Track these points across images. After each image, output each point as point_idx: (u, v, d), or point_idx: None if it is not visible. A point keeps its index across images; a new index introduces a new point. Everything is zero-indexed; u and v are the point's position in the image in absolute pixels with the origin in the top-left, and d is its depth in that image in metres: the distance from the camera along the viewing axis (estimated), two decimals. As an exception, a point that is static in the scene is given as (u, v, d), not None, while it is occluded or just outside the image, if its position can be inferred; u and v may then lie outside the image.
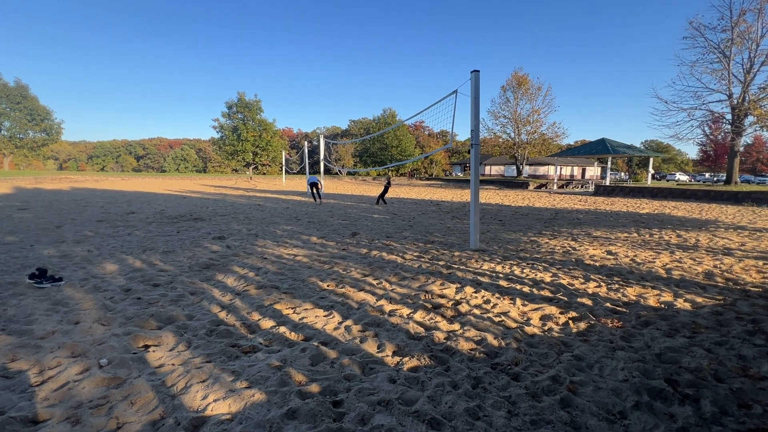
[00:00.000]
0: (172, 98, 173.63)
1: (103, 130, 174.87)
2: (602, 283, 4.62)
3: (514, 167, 48.85)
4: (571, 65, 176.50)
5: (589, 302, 3.92)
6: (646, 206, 16.12)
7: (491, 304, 3.86)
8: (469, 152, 6.87)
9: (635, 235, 8.41)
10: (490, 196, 22.95)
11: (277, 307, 3.69)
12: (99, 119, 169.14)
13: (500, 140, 45.99)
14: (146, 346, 2.83)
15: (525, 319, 3.48)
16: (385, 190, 15.86)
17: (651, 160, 34.86)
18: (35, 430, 1.91)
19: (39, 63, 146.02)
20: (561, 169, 52.55)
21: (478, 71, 6.34)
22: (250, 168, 60.31)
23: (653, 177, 46.54)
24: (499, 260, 5.79)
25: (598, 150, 30.55)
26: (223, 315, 3.47)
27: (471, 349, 2.87)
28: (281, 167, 43.14)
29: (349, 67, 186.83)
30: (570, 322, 3.42)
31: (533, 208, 15.14)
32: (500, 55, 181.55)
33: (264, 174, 67.44)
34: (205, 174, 75.04)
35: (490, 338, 3.03)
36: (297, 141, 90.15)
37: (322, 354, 2.75)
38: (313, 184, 16.40)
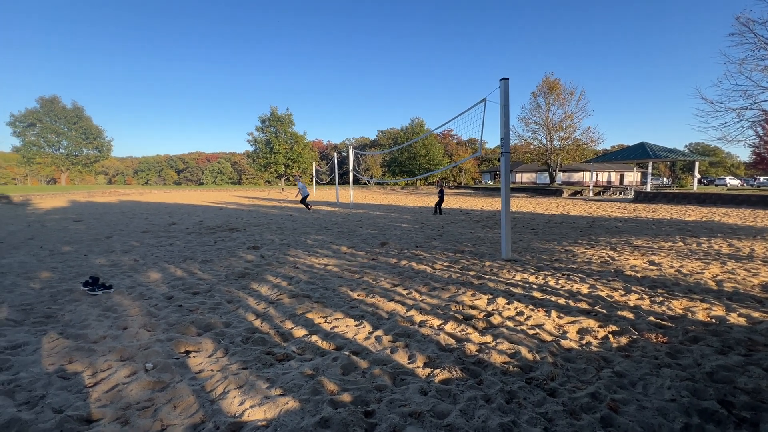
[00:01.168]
0: (209, 113, 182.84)
1: (147, 146, 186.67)
2: (645, 296, 4.38)
3: (547, 174, 47.44)
4: (607, 67, 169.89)
5: (630, 315, 3.73)
6: (693, 213, 15.15)
7: (525, 316, 3.75)
8: (499, 160, 6.76)
9: (681, 244, 7.92)
10: (521, 204, 22.37)
11: (309, 316, 3.76)
12: (143, 136, 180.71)
13: (531, 147, 44.90)
14: (187, 352, 2.97)
15: (561, 332, 3.36)
16: (441, 200, 15.14)
17: (696, 163, 32.77)
18: (89, 428, 2.05)
19: (91, 83, 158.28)
20: (597, 175, 50.47)
21: (507, 79, 6.28)
22: (282, 179, 62.12)
23: (700, 182, 43.68)
24: (532, 270, 5.62)
25: (637, 155, 29.18)
26: (258, 323, 3.59)
27: (504, 363, 2.80)
28: (311, 178, 44.23)
29: (379, 77, 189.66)
30: (610, 336, 3.27)
31: (568, 216, 14.60)
32: (530, 60, 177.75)
33: (295, 185, 69.35)
34: (240, 186, 77.92)
35: (524, 351, 2.95)
36: (327, 152, 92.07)
37: (353, 364, 2.77)
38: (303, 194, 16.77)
